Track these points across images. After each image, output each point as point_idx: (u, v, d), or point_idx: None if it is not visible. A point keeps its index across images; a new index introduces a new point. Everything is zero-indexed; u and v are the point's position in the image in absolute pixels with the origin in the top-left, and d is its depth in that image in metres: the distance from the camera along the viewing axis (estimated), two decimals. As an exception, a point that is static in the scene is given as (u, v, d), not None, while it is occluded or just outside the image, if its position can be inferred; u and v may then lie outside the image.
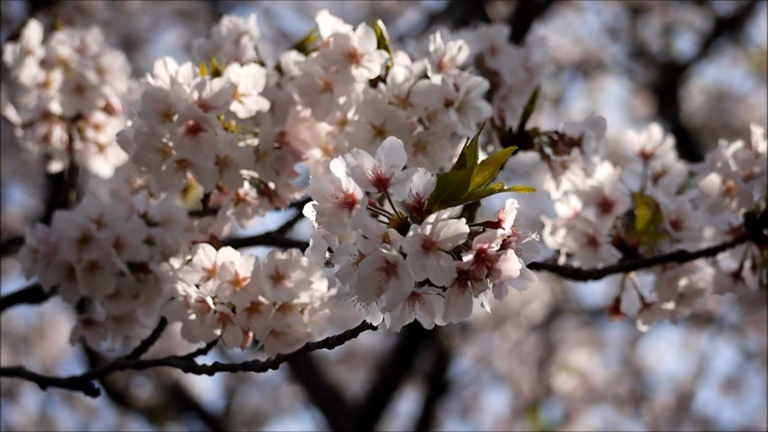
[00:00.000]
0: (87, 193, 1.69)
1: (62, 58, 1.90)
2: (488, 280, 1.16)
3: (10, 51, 1.91)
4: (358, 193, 1.16)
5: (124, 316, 1.68)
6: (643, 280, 1.75)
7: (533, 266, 1.78)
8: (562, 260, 1.79)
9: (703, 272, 1.72)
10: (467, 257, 1.15)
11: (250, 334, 1.51)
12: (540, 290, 6.38)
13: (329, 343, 1.35)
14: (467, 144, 1.20)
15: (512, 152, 1.28)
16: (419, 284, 1.17)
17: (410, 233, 1.14)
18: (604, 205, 1.74)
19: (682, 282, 1.71)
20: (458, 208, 1.56)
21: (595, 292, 7.11)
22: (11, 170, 5.04)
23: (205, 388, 6.80)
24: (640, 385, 6.74)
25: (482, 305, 1.18)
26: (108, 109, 1.92)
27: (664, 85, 5.81)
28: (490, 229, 1.16)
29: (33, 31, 1.91)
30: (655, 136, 1.82)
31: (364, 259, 1.15)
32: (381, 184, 1.17)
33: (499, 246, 1.15)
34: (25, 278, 1.69)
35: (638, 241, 1.73)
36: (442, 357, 5.85)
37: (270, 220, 1.88)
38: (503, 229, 1.16)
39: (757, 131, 1.63)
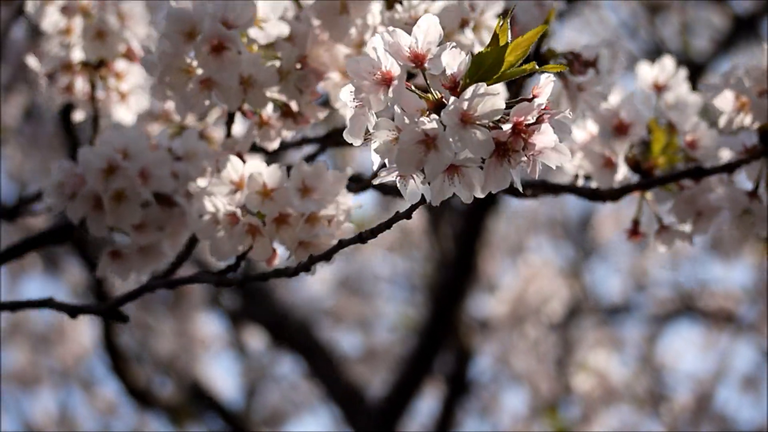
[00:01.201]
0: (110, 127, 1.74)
1: (83, 5, 1.94)
2: (524, 152, 1.19)
3: (31, 2, 1.95)
4: (396, 69, 1.20)
5: (151, 248, 1.72)
6: (658, 206, 1.78)
7: (553, 189, 1.84)
8: (579, 184, 1.83)
9: (720, 192, 1.73)
10: (505, 127, 1.18)
11: (277, 252, 1.55)
12: (558, 288, 6.40)
13: (362, 236, 1.40)
14: (500, 24, 1.23)
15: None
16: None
17: (449, 105, 1.17)
18: (620, 128, 1.77)
19: (699, 201, 1.74)
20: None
21: (613, 289, 7.12)
22: (32, 169, 5.09)
23: (225, 386, 6.87)
24: (659, 385, 6.74)
25: (513, 183, 1.20)
26: (129, 55, 1.96)
27: (681, 83, 5.83)
28: (525, 103, 1.19)
29: None
30: (667, 68, 1.85)
31: (404, 131, 1.17)
32: (418, 59, 1.21)
33: (534, 120, 1.18)
34: (52, 213, 1.74)
35: (654, 163, 1.77)
36: (462, 357, 5.88)
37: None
38: (537, 101, 1.19)
39: (769, 48, 1.68)
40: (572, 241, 7.26)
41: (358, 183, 1.70)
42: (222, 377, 7.05)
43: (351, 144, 1.86)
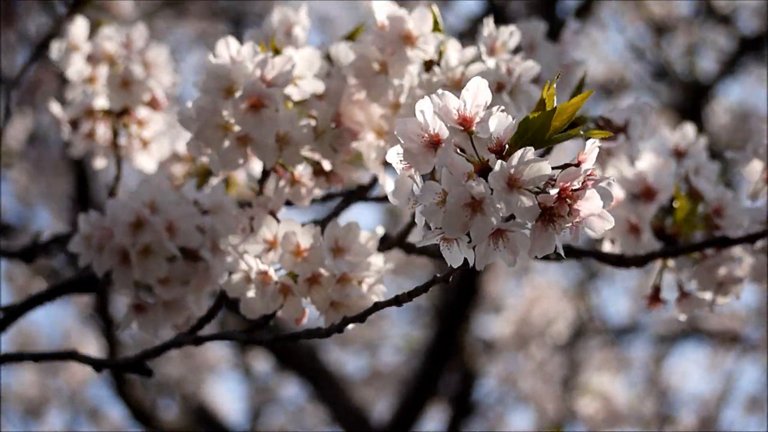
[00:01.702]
0: (141, 181, 1.75)
1: (108, 53, 1.94)
2: (569, 218, 1.19)
3: (56, 48, 1.95)
4: (444, 132, 1.21)
5: (175, 302, 1.71)
6: (680, 273, 1.78)
7: (579, 253, 1.84)
8: (605, 247, 1.83)
9: (742, 261, 1.74)
10: (551, 192, 1.18)
11: (307, 311, 1.55)
12: (564, 309, 6.40)
13: (399, 299, 1.39)
14: (546, 88, 1.24)
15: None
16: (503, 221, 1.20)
17: (496, 169, 1.17)
18: (647, 193, 1.78)
19: (721, 270, 1.74)
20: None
21: (619, 310, 7.13)
22: (38, 193, 5.08)
23: (231, 409, 6.86)
24: (665, 406, 6.73)
25: (555, 250, 1.21)
26: (153, 104, 1.96)
27: (688, 105, 5.84)
28: (571, 169, 1.19)
29: (79, 26, 1.95)
30: (688, 135, 1.87)
31: (451, 194, 1.17)
32: (466, 122, 1.21)
33: (579, 185, 1.19)
34: (79, 265, 1.71)
35: (678, 230, 1.77)
36: (467, 378, 5.87)
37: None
38: (584, 167, 1.19)
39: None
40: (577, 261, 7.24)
41: (384, 242, 1.70)
42: (227, 400, 7.05)
43: (379, 201, 1.87)
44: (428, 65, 1.62)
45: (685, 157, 1.86)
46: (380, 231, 1.59)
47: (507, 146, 1.22)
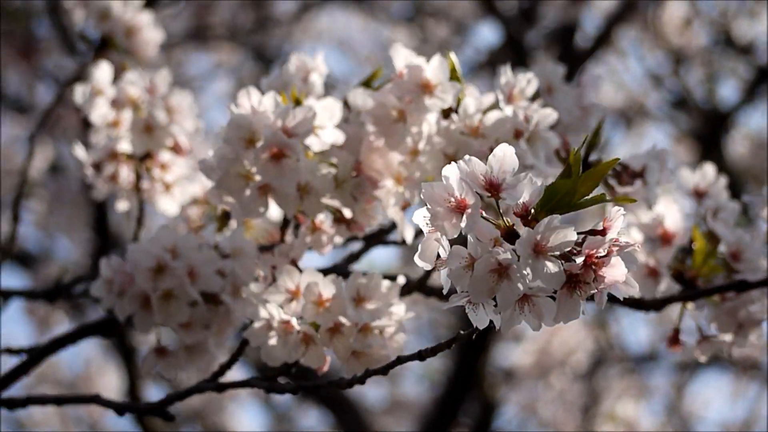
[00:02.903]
0: (160, 226, 1.76)
1: (132, 98, 1.95)
2: (594, 285, 1.20)
3: (80, 92, 1.97)
4: (470, 198, 1.20)
5: (196, 346, 1.72)
6: (699, 315, 1.78)
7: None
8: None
9: (761, 303, 1.74)
10: (577, 260, 1.19)
11: (328, 359, 1.55)
12: (584, 338, 6.38)
13: (422, 355, 1.39)
14: (573, 153, 1.24)
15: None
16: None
17: (523, 235, 1.17)
18: (665, 237, 1.79)
19: (741, 313, 1.74)
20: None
21: (640, 338, 7.10)
22: (58, 225, 5.11)
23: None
24: (688, 432, 6.71)
25: (583, 312, 1.21)
26: (176, 149, 1.97)
27: (707, 132, 5.82)
28: (597, 236, 1.20)
29: (103, 71, 1.97)
30: (708, 175, 1.87)
31: (479, 260, 1.18)
32: (493, 188, 1.21)
33: (604, 252, 1.19)
34: (101, 309, 1.73)
35: (697, 273, 1.77)
36: (487, 407, 5.86)
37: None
38: (609, 235, 1.20)
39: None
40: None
41: (405, 287, 1.71)
42: (248, 428, 7.03)
43: (397, 244, 1.88)
44: (446, 112, 1.63)
45: (705, 197, 1.86)
46: (401, 280, 1.59)
47: (533, 211, 1.22)
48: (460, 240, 1.21)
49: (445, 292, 1.23)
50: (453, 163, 1.22)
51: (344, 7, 6.51)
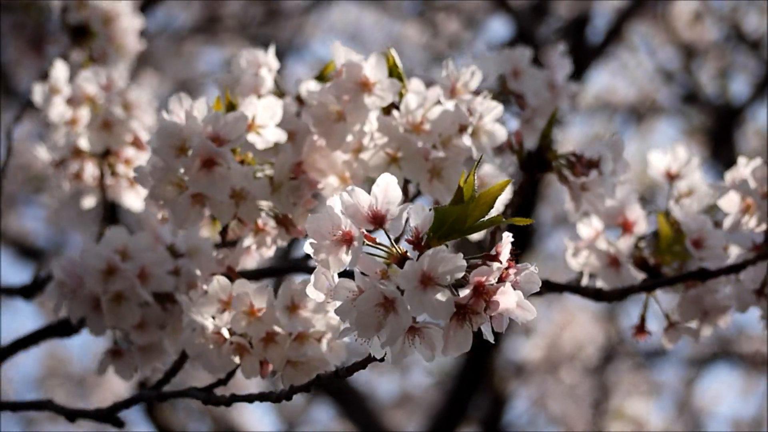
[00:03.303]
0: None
1: (89, 95, 1.92)
2: (486, 313, 1.15)
3: (38, 91, 1.94)
4: (355, 231, 1.17)
5: (152, 347, 1.69)
6: (669, 299, 1.73)
7: (556, 288, 1.79)
8: (585, 281, 1.78)
9: (726, 291, 1.69)
10: (464, 292, 1.14)
11: (269, 366, 1.50)
12: (594, 333, 6.34)
13: (339, 374, 1.35)
14: (464, 179, 1.20)
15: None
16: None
17: (406, 268, 1.13)
18: (625, 226, 1.74)
19: (706, 300, 1.69)
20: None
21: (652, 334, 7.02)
22: (69, 220, 5.11)
23: (261, 431, 6.83)
24: (698, 429, 6.65)
25: (484, 337, 1.17)
26: (136, 144, 1.94)
27: (718, 128, 5.77)
28: (489, 262, 1.16)
29: (59, 70, 1.94)
30: (680, 157, 1.81)
31: (362, 296, 1.15)
32: (377, 221, 1.18)
33: (496, 279, 1.15)
34: (53, 311, 1.70)
35: (662, 260, 1.73)
36: (497, 401, 5.82)
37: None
38: (500, 262, 1.16)
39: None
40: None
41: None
42: (257, 422, 7.02)
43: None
44: (388, 109, 1.58)
45: (678, 178, 1.81)
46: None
47: (424, 237, 1.18)
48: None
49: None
50: (335, 195, 1.19)
51: (356, 0, 6.47)
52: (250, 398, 1.49)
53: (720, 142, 5.70)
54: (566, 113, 1.92)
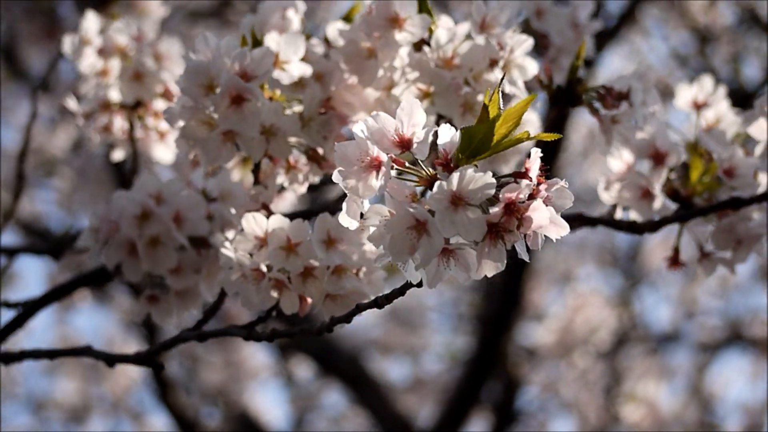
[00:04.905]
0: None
1: (120, 46, 1.91)
2: (520, 231, 1.14)
3: (69, 42, 1.93)
4: (383, 156, 1.16)
5: (188, 291, 1.69)
6: (702, 230, 1.73)
7: (590, 221, 1.77)
8: (618, 215, 1.77)
9: (759, 218, 1.69)
10: (495, 209, 1.13)
11: (309, 299, 1.49)
12: (606, 318, 6.35)
13: (378, 302, 1.34)
14: (489, 96, 1.18)
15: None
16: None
17: (436, 189, 1.12)
18: (657, 157, 1.72)
19: (739, 229, 1.68)
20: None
21: (662, 318, 7.07)
22: (81, 203, 5.14)
23: (273, 416, 6.85)
24: (709, 414, 6.65)
25: (519, 255, 1.16)
26: (167, 95, 1.93)
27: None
28: (519, 179, 1.15)
29: (90, 21, 1.93)
30: (706, 87, 1.81)
31: (393, 219, 1.14)
32: (404, 144, 1.17)
33: (527, 196, 1.14)
34: (88, 258, 1.71)
35: (693, 191, 1.72)
36: (510, 386, 5.83)
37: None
38: (529, 179, 1.15)
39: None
40: (621, 269, 7.17)
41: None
42: (270, 407, 7.05)
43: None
44: (419, 45, 1.58)
45: (704, 108, 1.80)
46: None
47: (453, 158, 1.17)
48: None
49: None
50: (361, 121, 1.18)
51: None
52: (291, 333, 1.50)
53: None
54: (590, 52, 1.93)
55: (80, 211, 5.29)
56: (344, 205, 1.21)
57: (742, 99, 5.74)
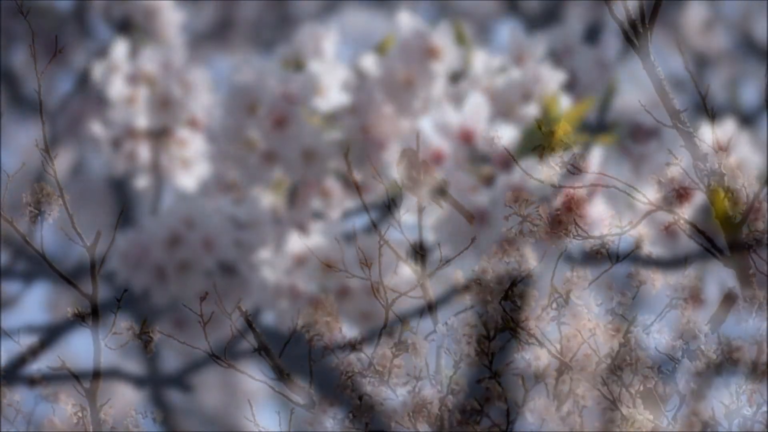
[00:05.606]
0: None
1: (148, 74, 1.94)
2: (575, 225, 1.18)
3: (97, 68, 1.95)
4: (446, 148, 1.22)
5: (214, 317, 1.73)
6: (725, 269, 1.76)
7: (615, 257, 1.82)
8: (643, 249, 1.80)
9: None
10: (555, 202, 1.17)
11: (340, 322, 1.55)
12: (604, 342, 6.36)
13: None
14: (549, 99, 1.25)
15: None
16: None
17: (498, 183, 1.17)
18: (682, 194, 1.77)
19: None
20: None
21: (661, 343, 7.04)
22: (81, 224, 5.14)
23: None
24: (708, 439, 6.65)
25: (566, 248, 1.22)
26: (193, 124, 1.93)
27: (730, 135, 5.79)
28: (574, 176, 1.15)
29: (119, 48, 1.95)
30: (728, 129, 1.79)
31: (454, 209, 1.17)
32: (468, 137, 1.22)
33: (585, 193, 1.12)
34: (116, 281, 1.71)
35: (717, 228, 1.75)
36: (507, 411, 5.84)
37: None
38: (588, 176, 1.16)
39: None
40: (619, 292, 7.17)
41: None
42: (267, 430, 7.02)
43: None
44: (455, 77, 1.61)
45: (726, 150, 1.83)
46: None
47: (511, 157, 1.19)
48: None
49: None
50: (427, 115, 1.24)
51: (369, 7, 6.48)
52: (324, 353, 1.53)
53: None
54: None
55: (79, 235, 5.24)
56: (404, 198, 1.23)
57: (739, 123, 5.75)
